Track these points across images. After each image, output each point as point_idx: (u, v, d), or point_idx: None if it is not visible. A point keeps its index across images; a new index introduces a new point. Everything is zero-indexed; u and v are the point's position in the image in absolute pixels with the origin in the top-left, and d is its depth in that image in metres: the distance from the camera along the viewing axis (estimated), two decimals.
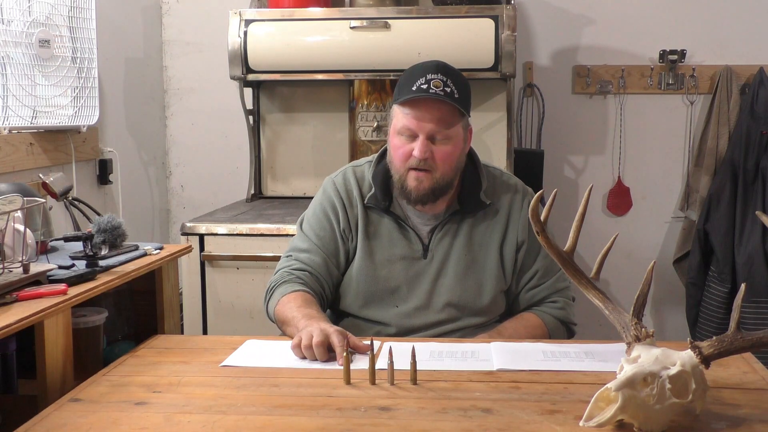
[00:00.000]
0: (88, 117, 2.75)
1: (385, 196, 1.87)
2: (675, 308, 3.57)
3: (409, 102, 1.77)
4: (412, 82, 1.77)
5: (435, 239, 1.88)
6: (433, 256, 1.87)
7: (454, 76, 1.79)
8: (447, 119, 1.78)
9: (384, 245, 1.88)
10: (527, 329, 1.84)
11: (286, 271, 1.87)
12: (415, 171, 1.79)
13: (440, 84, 1.75)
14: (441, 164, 1.79)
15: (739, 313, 1.26)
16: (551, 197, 1.42)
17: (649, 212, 3.57)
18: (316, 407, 1.35)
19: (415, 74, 1.79)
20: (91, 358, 1.84)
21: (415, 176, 1.79)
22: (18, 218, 1.72)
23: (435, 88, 1.75)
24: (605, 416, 1.20)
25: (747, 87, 3.35)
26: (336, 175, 1.97)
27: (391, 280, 1.87)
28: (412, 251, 1.87)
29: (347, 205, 1.90)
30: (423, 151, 1.77)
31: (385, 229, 1.89)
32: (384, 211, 1.89)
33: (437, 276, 1.87)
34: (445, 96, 1.75)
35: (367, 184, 1.91)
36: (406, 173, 1.80)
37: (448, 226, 1.88)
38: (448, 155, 1.79)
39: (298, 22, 2.98)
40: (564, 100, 3.54)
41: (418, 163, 1.78)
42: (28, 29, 2.42)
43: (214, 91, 3.57)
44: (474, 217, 1.89)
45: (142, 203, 3.50)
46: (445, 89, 1.76)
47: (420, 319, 1.86)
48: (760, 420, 1.27)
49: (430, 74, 1.77)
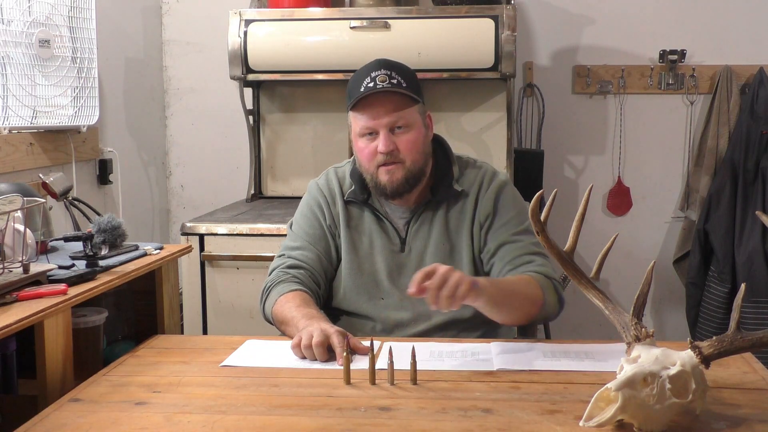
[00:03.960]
0: (88, 117, 2.75)
1: (363, 190, 1.90)
2: (675, 308, 3.57)
3: (360, 102, 1.81)
4: (359, 85, 1.81)
5: (411, 232, 1.89)
6: (410, 248, 1.89)
7: (397, 69, 1.82)
8: (400, 107, 1.80)
9: (365, 239, 1.90)
10: (519, 282, 1.76)
11: (281, 270, 1.87)
12: (384, 166, 1.81)
13: (385, 78, 1.79)
14: (408, 152, 1.81)
15: (739, 313, 1.26)
16: (551, 197, 1.41)
17: (649, 212, 3.57)
18: (316, 407, 1.35)
19: (360, 77, 1.83)
20: (91, 358, 1.84)
21: (385, 171, 1.81)
22: (18, 218, 1.72)
23: (381, 83, 1.79)
24: (605, 416, 1.20)
25: (747, 87, 3.35)
26: (319, 177, 2.01)
27: (374, 272, 1.89)
28: (391, 244, 1.89)
29: (330, 203, 1.94)
30: (387, 144, 1.79)
31: (365, 223, 1.92)
32: (364, 205, 1.91)
33: (417, 267, 1.86)
34: (393, 87, 1.79)
35: (347, 182, 1.94)
36: (377, 171, 1.82)
37: (423, 217, 1.89)
38: (412, 142, 1.81)
39: (298, 22, 2.98)
40: (564, 100, 3.54)
41: (386, 158, 1.80)
42: (28, 29, 2.42)
43: (214, 91, 3.57)
44: (447, 205, 1.90)
45: (142, 203, 3.50)
46: (391, 81, 1.79)
47: (405, 311, 1.86)
48: (760, 420, 1.27)
49: (374, 72, 1.80)
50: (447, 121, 3.19)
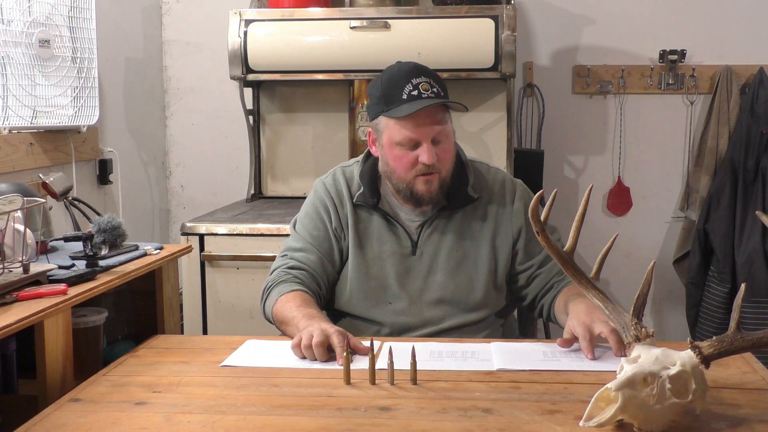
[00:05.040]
0: (88, 117, 2.75)
1: (372, 194, 1.89)
2: (675, 308, 3.57)
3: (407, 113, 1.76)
4: (400, 91, 1.77)
5: (424, 235, 1.88)
6: (422, 252, 1.87)
7: (433, 76, 1.81)
8: (443, 119, 1.80)
9: (374, 242, 1.89)
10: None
11: (283, 271, 1.87)
12: (423, 176, 1.80)
13: (428, 87, 1.76)
14: (445, 163, 1.81)
15: (739, 313, 1.26)
16: (551, 197, 1.41)
17: (649, 212, 3.57)
18: (316, 407, 1.35)
19: (397, 81, 1.78)
20: (91, 358, 1.84)
21: (424, 180, 1.80)
22: (18, 218, 1.72)
23: (425, 92, 1.76)
24: (605, 416, 1.20)
25: (747, 87, 3.35)
26: (326, 176, 1.98)
27: (382, 276, 1.87)
28: (401, 247, 1.88)
29: (338, 204, 1.92)
30: (431, 156, 1.77)
31: (374, 226, 1.90)
32: (373, 209, 1.90)
33: (428, 272, 1.87)
34: (437, 97, 1.77)
35: (356, 183, 1.92)
36: (413, 180, 1.81)
37: (436, 222, 1.88)
38: (449, 153, 1.82)
39: (298, 22, 2.98)
40: (564, 100, 3.54)
41: (427, 168, 1.78)
42: (28, 29, 2.42)
43: (214, 91, 3.57)
44: (462, 212, 1.89)
45: (142, 203, 3.50)
46: (433, 90, 1.77)
47: (413, 316, 1.86)
48: (760, 420, 1.27)
49: (414, 78, 1.77)
50: None
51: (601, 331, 1.56)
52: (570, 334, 1.61)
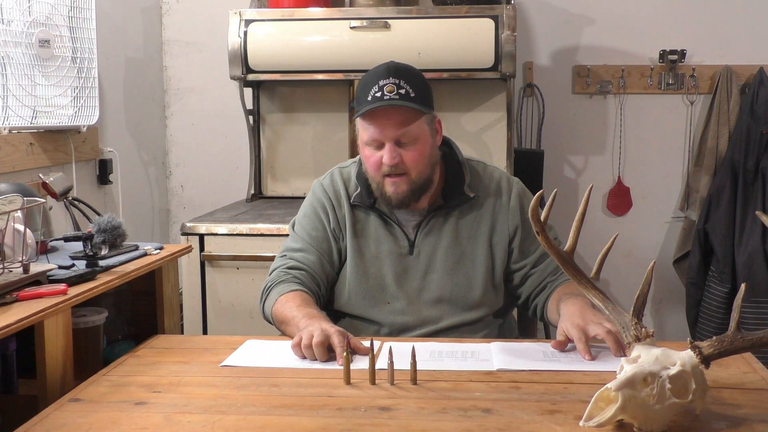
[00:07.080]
0: (88, 117, 2.75)
1: (369, 194, 1.89)
2: (675, 308, 3.57)
3: (367, 113, 1.77)
4: (367, 92, 1.78)
5: (420, 235, 1.88)
6: (419, 251, 1.88)
7: (406, 76, 1.79)
8: (407, 121, 1.78)
9: (372, 243, 1.89)
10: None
11: (282, 271, 1.87)
12: (389, 177, 1.81)
13: (393, 88, 1.76)
14: (413, 165, 1.80)
15: (739, 313, 1.26)
16: (551, 197, 1.41)
17: (649, 212, 3.57)
18: (316, 407, 1.35)
19: (368, 83, 1.79)
20: (91, 358, 1.84)
21: (390, 182, 1.81)
22: (18, 218, 1.72)
23: (389, 93, 1.75)
24: (605, 416, 1.20)
25: (747, 87, 3.35)
26: (324, 177, 1.99)
27: (380, 276, 1.88)
28: (398, 247, 1.88)
29: (336, 205, 1.92)
30: (391, 157, 1.77)
31: (371, 226, 1.90)
32: (370, 209, 1.90)
33: (425, 272, 1.87)
34: (400, 99, 1.75)
35: (353, 184, 1.93)
36: (382, 180, 1.82)
37: (433, 221, 1.88)
38: (418, 155, 1.80)
39: (298, 22, 2.98)
40: (564, 100, 3.54)
41: (390, 170, 1.79)
42: (28, 29, 2.42)
43: (214, 91, 3.57)
44: (459, 211, 1.89)
45: (142, 203, 3.50)
46: (399, 92, 1.75)
47: (412, 315, 1.86)
48: (760, 420, 1.27)
49: (382, 80, 1.77)
50: (447, 121, 3.16)
51: (596, 333, 1.57)
52: (563, 336, 1.62)
